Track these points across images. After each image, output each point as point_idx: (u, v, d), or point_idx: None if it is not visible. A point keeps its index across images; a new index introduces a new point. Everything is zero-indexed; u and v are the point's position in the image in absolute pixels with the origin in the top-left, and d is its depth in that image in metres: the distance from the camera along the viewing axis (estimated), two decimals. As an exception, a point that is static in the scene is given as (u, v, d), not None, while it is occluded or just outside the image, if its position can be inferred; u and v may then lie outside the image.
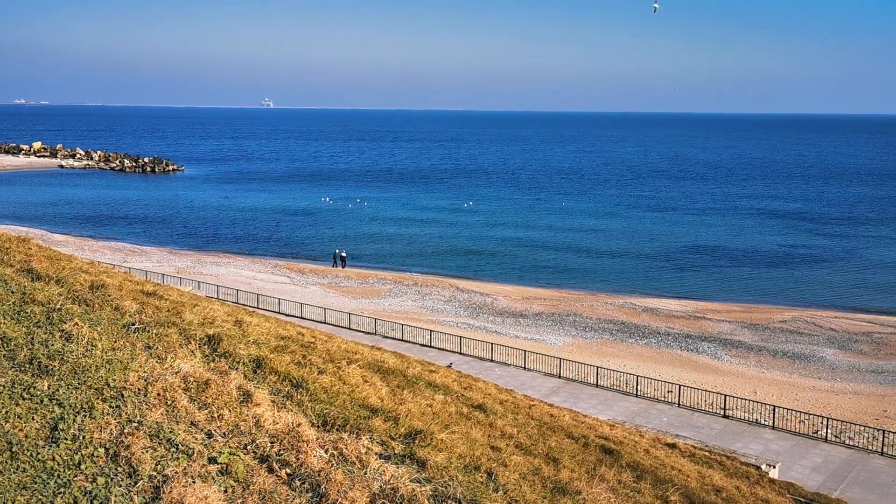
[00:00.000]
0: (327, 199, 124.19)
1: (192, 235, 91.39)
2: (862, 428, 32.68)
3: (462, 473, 7.76)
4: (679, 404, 35.34)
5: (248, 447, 6.66)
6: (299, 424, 7.20)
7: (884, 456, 29.99)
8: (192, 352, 9.10)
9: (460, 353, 42.06)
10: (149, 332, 9.45)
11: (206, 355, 9.39)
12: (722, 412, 34.42)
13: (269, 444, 6.77)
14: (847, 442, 31.66)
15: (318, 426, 7.93)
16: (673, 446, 20.90)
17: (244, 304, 47.06)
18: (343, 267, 71.22)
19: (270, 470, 6.40)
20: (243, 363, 9.52)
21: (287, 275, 67.95)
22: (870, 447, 30.93)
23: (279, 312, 47.84)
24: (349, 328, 46.36)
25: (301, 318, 47.02)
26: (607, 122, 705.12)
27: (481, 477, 8.10)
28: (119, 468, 5.85)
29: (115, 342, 8.42)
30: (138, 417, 6.56)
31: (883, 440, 30.76)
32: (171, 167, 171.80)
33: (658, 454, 17.85)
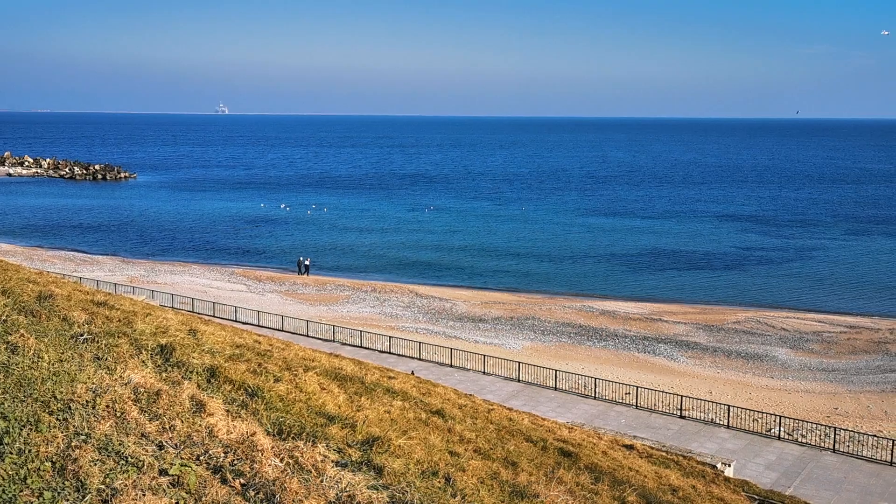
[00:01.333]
0: (283, 205, 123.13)
1: (145, 244, 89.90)
2: (814, 425, 33.39)
3: (420, 479, 7.72)
4: (637, 406, 35.72)
5: (201, 458, 6.53)
6: (254, 433, 7.09)
7: (835, 453, 30.67)
8: (144, 362, 8.92)
9: (420, 359, 42.00)
10: (98, 342, 9.24)
11: (159, 365, 9.21)
12: (679, 413, 34.88)
13: (222, 455, 6.65)
14: (800, 439, 32.31)
15: (273, 435, 7.82)
16: (631, 447, 21.10)
17: (200, 313, 46.38)
18: (307, 274, 70.61)
19: (224, 480, 6.29)
20: (197, 372, 9.35)
21: (244, 282, 67.19)
22: (822, 444, 31.61)
23: (236, 321, 47.26)
24: (307, 335, 45.98)
25: (258, 326, 46.53)
26: (564, 127, 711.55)
27: (439, 482, 8.07)
28: (66, 482, 5.69)
29: (62, 354, 8.21)
30: (86, 430, 6.40)
31: (834, 437, 31.47)
32: (122, 174, 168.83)
33: (616, 455, 18.00)
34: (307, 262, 71.90)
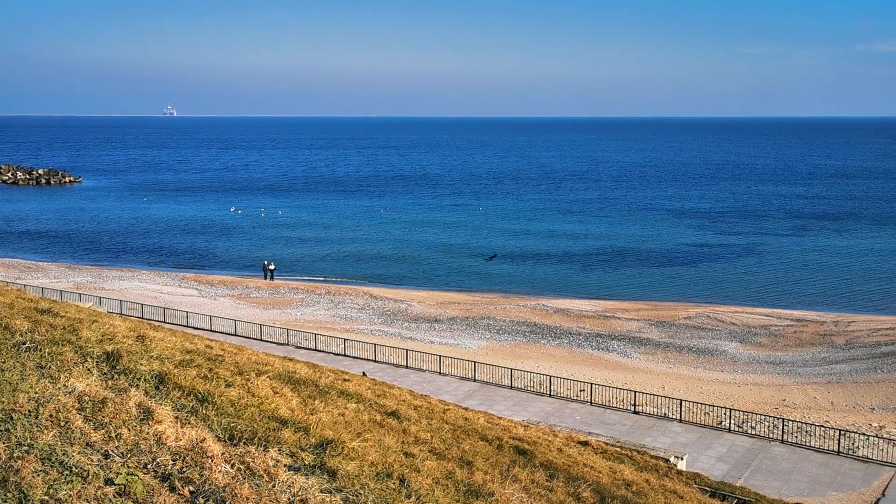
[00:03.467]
0: (234, 209, 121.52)
1: (92, 250, 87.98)
2: (763, 417, 34.13)
3: (374, 481, 7.68)
4: (591, 402, 36.09)
5: (149, 466, 6.41)
6: (203, 440, 6.98)
7: (784, 443, 31.38)
8: (89, 370, 8.73)
9: (375, 361, 41.85)
10: (41, 351, 9.01)
11: (105, 373, 9.02)
12: (632, 408, 35.33)
13: (171, 462, 6.53)
14: (749, 431, 32.99)
15: (224, 441, 7.71)
16: (585, 444, 21.31)
17: (149, 319, 45.52)
18: (272, 279, 69.64)
19: (172, 488, 6.17)
20: (145, 379, 9.18)
21: (195, 287, 66.18)
22: (771, 435, 32.32)
23: (187, 326, 46.55)
24: (261, 339, 45.49)
25: (210, 331, 45.85)
26: (521, 128, 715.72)
27: (394, 483, 8.03)
28: (8, 493, 5.54)
29: (3, 363, 7.99)
30: (28, 440, 6.23)
31: (783, 428, 32.19)
32: (67, 179, 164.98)
33: (571, 452, 18.15)
34: (272, 267, 70.95)
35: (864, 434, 32.65)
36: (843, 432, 31.45)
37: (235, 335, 45.86)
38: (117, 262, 80.00)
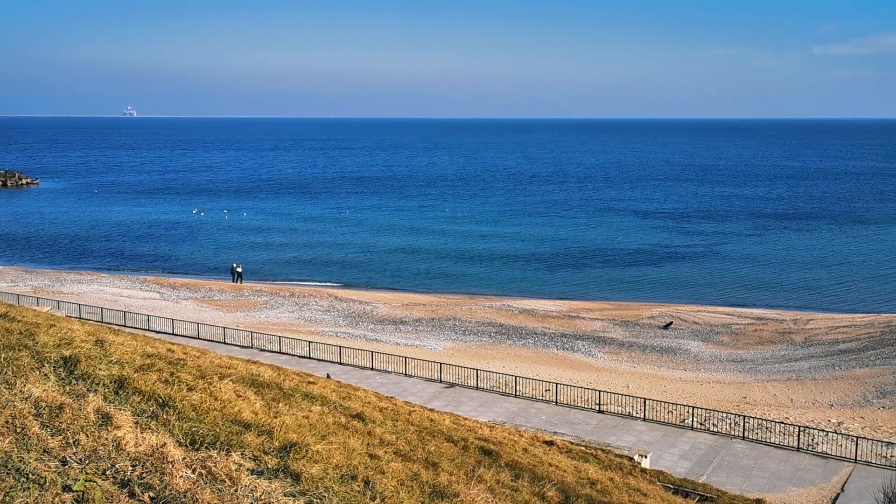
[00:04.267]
0: (199, 211, 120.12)
1: (51, 253, 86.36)
2: (725, 415, 34.63)
3: (338, 484, 7.63)
4: (557, 402, 36.29)
5: (107, 472, 6.29)
6: (164, 445, 6.87)
7: (745, 440, 31.86)
8: (46, 375, 8.55)
9: (340, 363, 41.66)
10: (-4, 356, 8.80)
11: (62, 378, 8.84)
12: (597, 407, 35.60)
13: (130, 468, 6.42)
14: (712, 429, 33.43)
15: (185, 445, 7.61)
16: (551, 443, 21.42)
17: (109, 323, 44.78)
18: (240, 282, 68.79)
19: (132, 494, 6.07)
20: (103, 384, 9.03)
21: (157, 290, 65.28)
22: (732, 433, 32.79)
23: (149, 330, 45.87)
24: (224, 342, 45.01)
25: (173, 334, 45.27)
26: (487, 129, 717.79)
27: (358, 486, 7.99)
28: (-39, 504, 5.40)
29: (-44, 369, 7.79)
30: (-18, 448, 6.08)
31: (744, 425, 32.69)
32: (24, 180, 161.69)
33: (536, 452, 18.24)
34: (239, 269, 70.09)
35: (823, 430, 33.26)
36: (802, 429, 32.02)
37: (198, 338, 45.32)
38: (76, 266, 78.60)
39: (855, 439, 30.68)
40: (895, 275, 75.49)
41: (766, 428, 33.10)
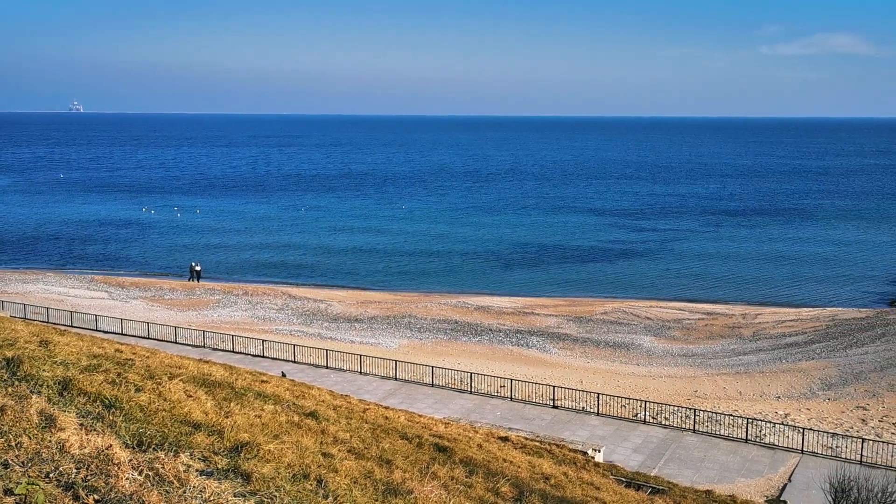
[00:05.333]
0: (148, 208, 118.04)
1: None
2: (676, 408, 35.20)
3: (290, 483, 7.56)
4: (512, 398, 36.49)
5: (51, 475, 6.14)
6: (109, 447, 6.73)
7: (696, 433, 32.42)
8: (-14, 377, 8.30)
9: (294, 362, 41.32)
10: (-66, 357, 8.52)
11: (4, 380, 8.60)
12: (552, 403, 35.88)
13: (74, 471, 6.28)
14: (663, 422, 33.95)
15: (132, 447, 7.45)
16: (505, 439, 21.53)
17: (56, 324, 43.77)
18: (198, 280, 67.58)
19: (76, 497, 5.94)
20: (47, 386, 8.80)
21: (105, 289, 63.96)
22: (683, 426, 33.35)
23: (97, 330, 44.92)
24: (176, 342, 44.30)
25: (122, 334, 44.40)
26: (445, 126, 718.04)
27: (311, 485, 7.92)
28: None
29: None
30: (-82, 453, 5.88)
31: (694, 418, 33.27)
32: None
33: (491, 448, 18.31)
34: (198, 268, 68.86)
35: (770, 422, 34.02)
36: (750, 421, 32.71)
37: (148, 338, 44.56)
38: (21, 265, 76.61)
39: (801, 430, 31.44)
40: (840, 269, 77.59)
41: (716, 421, 33.73)
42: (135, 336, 44.44)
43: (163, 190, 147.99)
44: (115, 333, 44.10)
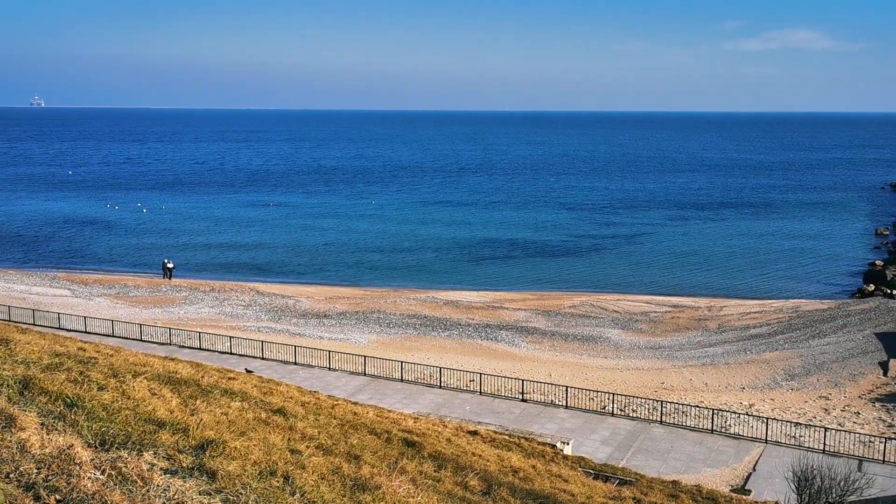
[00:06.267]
0: (113, 205, 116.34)
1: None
2: (643, 400, 35.58)
3: (257, 480, 7.51)
4: (481, 392, 36.61)
5: (11, 475, 6.05)
6: (71, 446, 6.64)
7: (663, 424, 32.80)
8: (-56, 377, 8.14)
9: (262, 358, 41.05)
10: None
11: (-38, 379, 8.44)
12: (521, 396, 36.05)
13: (35, 471, 6.19)
14: (631, 414, 34.29)
15: (95, 446, 7.36)
16: (475, 433, 21.60)
17: (17, 322, 42.95)
18: (171, 278, 66.58)
19: (37, 498, 5.85)
20: (7, 385, 8.65)
21: (68, 287, 62.95)
22: (650, 417, 33.70)
23: (59, 328, 44.25)
24: (141, 340, 43.75)
25: (85, 332, 43.74)
26: (415, 121, 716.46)
27: (277, 482, 7.88)
28: None
29: None
30: None
31: (661, 410, 33.64)
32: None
33: (460, 442, 18.36)
34: (171, 265, 67.87)
35: (735, 412, 34.54)
36: (716, 411, 33.18)
37: (113, 336, 43.95)
38: (-19, 263, 75.10)
39: (765, 420, 31.96)
40: (803, 262, 78.89)
41: (683, 412, 34.15)
42: (99, 334, 43.82)
43: (128, 186, 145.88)
44: (79, 332, 43.43)
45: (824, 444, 29.97)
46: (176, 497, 6.18)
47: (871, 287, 63.92)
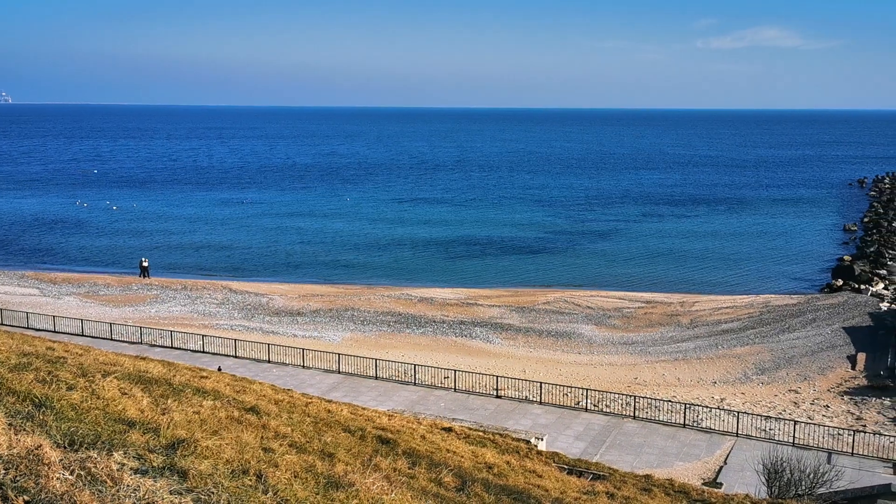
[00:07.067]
0: (82, 202, 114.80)
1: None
2: (617, 395, 35.82)
3: (229, 479, 7.46)
4: (456, 389, 36.65)
5: (-22, 477, 5.95)
6: (39, 446, 6.55)
7: (636, 419, 33.07)
8: None
9: (236, 357, 40.77)
10: None
11: (-74, 380, 8.29)
12: (495, 393, 36.16)
13: (3, 471, 6.10)
14: (605, 410, 34.54)
15: (63, 447, 7.26)
16: (449, 430, 21.62)
17: (-14, 322, 42.38)
18: (147, 277, 65.72)
19: (5, 498, 5.77)
20: (-27, 385, 8.51)
21: (36, 286, 62.03)
22: (624, 413, 33.98)
23: (27, 328, 43.64)
24: (111, 339, 43.26)
25: (54, 332, 43.19)
26: (390, 118, 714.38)
27: (250, 480, 7.84)
28: None
29: None
30: None
31: (634, 405, 33.93)
32: None
33: (434, 439, 18.37)
34: (146, 264, 67.00)
35: (707, 407, 34.90)
36: (688, 406, 33.51)
37: (83, 335, 43.40)
38: (-53, 262, 73.79)
39: (736, 414, 32.35)
40: (773, 256, 79.91)
41: (655, 407, 34.45)
42: (68, 333, 43.26)
43: (99, 183, 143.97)
44: (48, 331, 42.87)
45: (794, 437, 30.39)
46: (146, 497, 6.12)
47: (840, 282, 64.93)
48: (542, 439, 26.43)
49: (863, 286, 62.84)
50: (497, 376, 37.35)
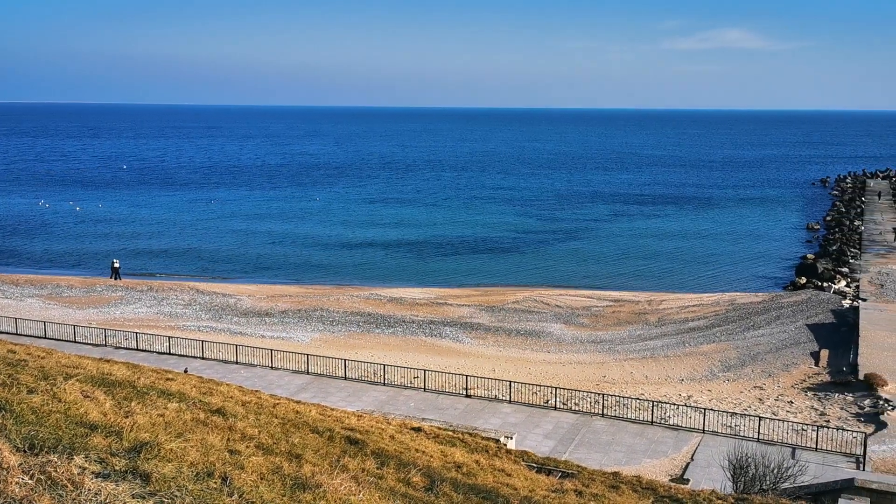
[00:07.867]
0: (44, 202, 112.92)
1: None
2: (586, 394, 36.02)
3: (193, 482, 7.37)
4: (425, 388, 36.61)
5: (-67, 483, 5.81)
6: (-3, 451, 6.41)
7: (604, 417, 33.30)
8: None
9: (203, 358, 40.34)
10: None
11: None
12: (465, 392, 36.18)
13: (-42, 478, 5.96)
14: (573, 408, 34.71)
15: (23, 451, 7.13)
16: (418, 430, 21.58)
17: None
18: (118, 278, 64.63)
19: (-40, 506, 5.65)
20: (-71, 389, 8.31)
21: (-1, 288, 60.86)
22: (593, 411, 34.19)
23: (-11, 330, 42.77)
24: (75, 341, 42.59)
25: (16, 334, 42.42)
26: (356, 117, 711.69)
27: (215, 483, 7.75)
28: None
29: None
30: None
31: (603, 403, 34.15)
32: None
33: (404, 439, 18.33)
34: (117, 265, 65.91)
35: (674, 404, 35.22)
36: (656, 403, 33.82)
37: (45, 338, 42.67)
38: None
39: (703, 411, 32.69)
40: (738, 255, 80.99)
41: (623, 405, 34.72)
42: (30, 336, 42.53)
43: (63, 183, 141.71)
44: (9, 333, 42.10)
45: (759, 432, 30.79)
46: (108, 501, 6.03)
47: (803, 280, 65.99)
48: (511, 438, 26.51)
49: (825, 284, 63.91)
50: (466, 376, 37.38)
